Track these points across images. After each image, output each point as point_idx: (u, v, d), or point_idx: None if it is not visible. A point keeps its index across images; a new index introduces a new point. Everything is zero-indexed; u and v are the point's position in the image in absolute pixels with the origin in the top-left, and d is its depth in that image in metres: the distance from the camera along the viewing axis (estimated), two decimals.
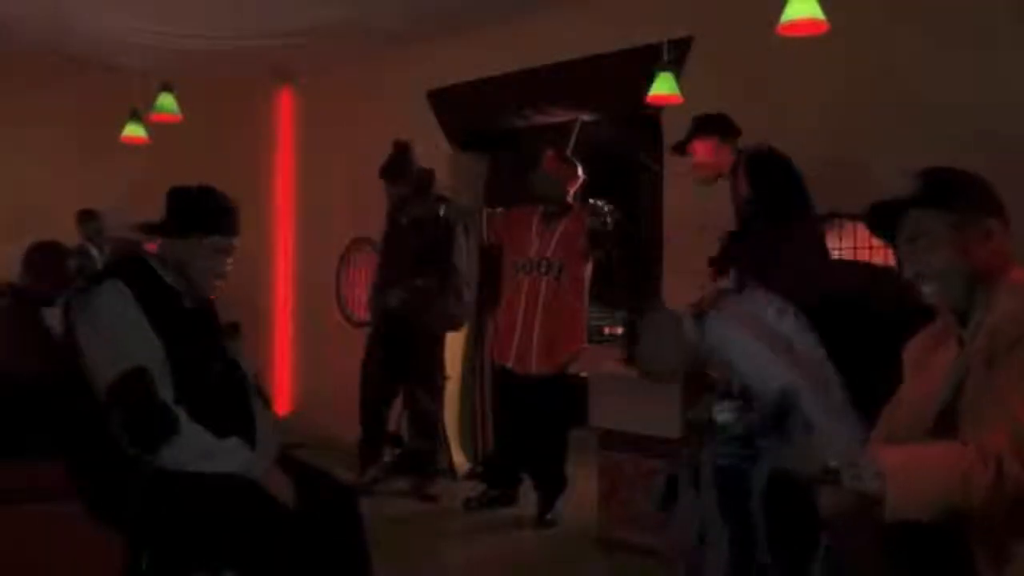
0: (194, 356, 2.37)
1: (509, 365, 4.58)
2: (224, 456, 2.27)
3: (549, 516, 4.44)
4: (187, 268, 2.45)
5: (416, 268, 4.82)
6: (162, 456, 2.23)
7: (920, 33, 3.77)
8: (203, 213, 2.46)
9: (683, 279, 4.46)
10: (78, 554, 2.54)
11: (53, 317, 3.85)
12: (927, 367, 1.88)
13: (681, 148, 3.77)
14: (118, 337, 2.27)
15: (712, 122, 3.69)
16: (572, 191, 4.62)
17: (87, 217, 6.03)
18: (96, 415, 2.27)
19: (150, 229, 2.53)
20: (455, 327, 5.13)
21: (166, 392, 2.26)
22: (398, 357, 4.91)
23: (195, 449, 2.24)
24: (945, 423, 1.72)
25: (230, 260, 2.50)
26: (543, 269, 4.52)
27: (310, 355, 6.64)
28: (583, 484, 4.50)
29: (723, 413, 3.53)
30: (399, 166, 4.88)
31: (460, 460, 5.51)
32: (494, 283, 5.47)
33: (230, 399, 2.44)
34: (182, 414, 2.25)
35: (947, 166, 1.87)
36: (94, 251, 5.80)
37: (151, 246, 2.62)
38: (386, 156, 4.91)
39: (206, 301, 2.58)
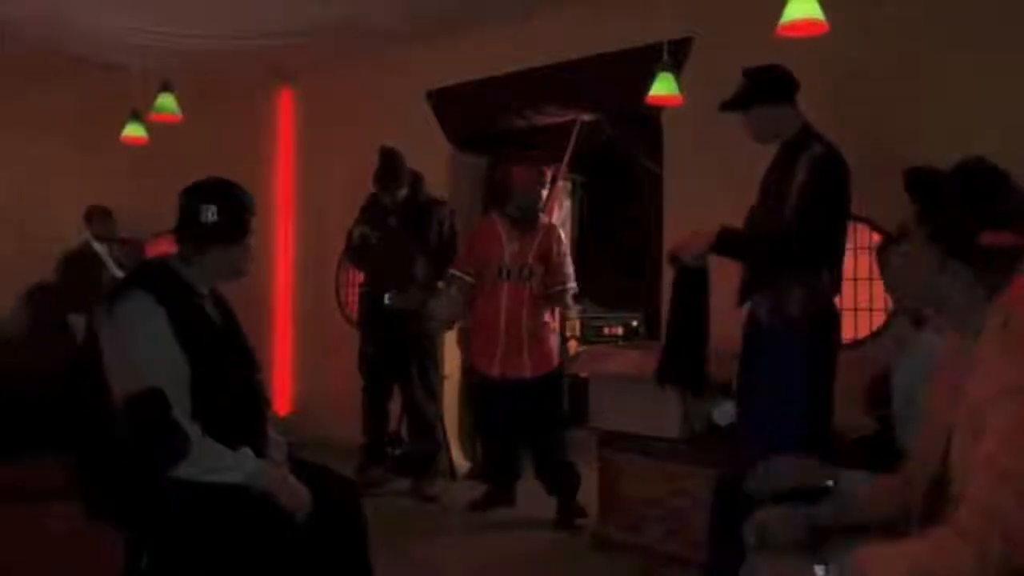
0: (215, 368, 2.34)
1: (494, 373, 4.54)
2: (233, 468, 2.27)
3: (577, 521, 4.37)
4: (228, 263, 2.43)
5: (418, 269, 4.83)
6: (171, 472, 2.23)
7: (920, 33, 3.77)
8: (249, 212, 2.43)
9: None
10: (78, 554, 2.54)
11: (77, 322, 3.89)
12: (937, 393, 1.83)
13: (733, 106, 3.25)
14: (138, 353, 2.25)
15: (769, 86, 3.16)
16: (545, 198, 4.68)
17: (100, 214, 5.92)
18: (105, 419, 2.26)
19: (201, 241, 2.40)
20: (450, 325, 5.14)
21: (182, 407, 2.24)
22: (392, 355, 4.92)
23: (205, 465, 2.23)
24: (942, 478, 1.69)
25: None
26: (525, 275, 4.52)
27: (310, 355, 6.64)
28: (583, 484, 4.50)
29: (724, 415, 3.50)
30: (394, 173, 4.85)
31: (460, 460, 5.51)
32: None
33: (246, 409, 2.43)
34: (195, 431, 2.23)
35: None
36: (99, 247, 5.78)
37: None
38: (378, 163, 4.87)
39: (225, 303, 2.57)
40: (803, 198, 3.00)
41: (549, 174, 4.76)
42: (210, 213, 2.37)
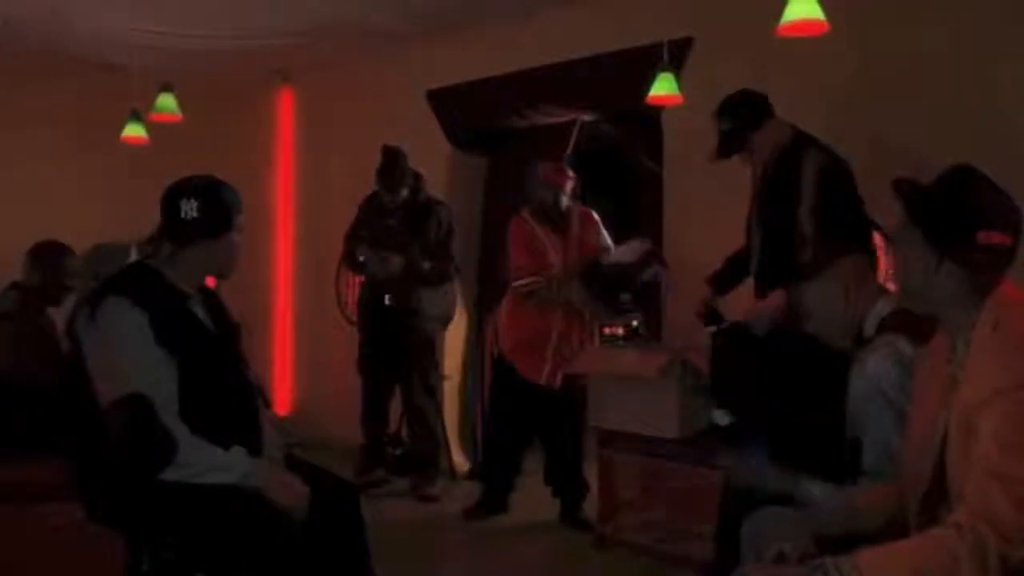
0: (204, 368, 2.34)
1: (541, 382, 4.38)
2: (225, 469, 2.26)
3: (582, 516, 4.34)
4: (210, 260, 2.42)
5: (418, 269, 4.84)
6: (160, 476, 2.22)
7: (921, 33, 3.77)
8: (232, 208, 2.42)
9: (683, 283, 4.47)
10: (78, 554, 2.54)
11: (57, 315, 3.88)
12: (925, 399, 1.85)
13: (728, 151, 3.49)
14: (121, 358, 2.24)
15: (751, 111, 3.41)
16: (570, 195, 4.49)
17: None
18: (97, 420, 2.25)
19: (181, 240, 2.39)
20: (446, 324, 5.13)
21: (170, 410, 2.23)
22: (391, 355, 4.91)
23: (194, 466, 2.22)
24: (938, 482, 1.71)
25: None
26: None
27: (310, 355, 6.64)
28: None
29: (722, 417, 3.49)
30: (396, 173, 4.81)
31: (460, 460, 5.51)
32: (494, 282, 5.46)
33: (238, 407, 2.42)
34: (183, 433, 2.22)
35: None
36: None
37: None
38: (379, 162, 4.83)
39: (218, 301, 2.56)
40: (818, 221, 3.09)
41: (555, 171, 4.47)
42: (191, 208, 2.36)
